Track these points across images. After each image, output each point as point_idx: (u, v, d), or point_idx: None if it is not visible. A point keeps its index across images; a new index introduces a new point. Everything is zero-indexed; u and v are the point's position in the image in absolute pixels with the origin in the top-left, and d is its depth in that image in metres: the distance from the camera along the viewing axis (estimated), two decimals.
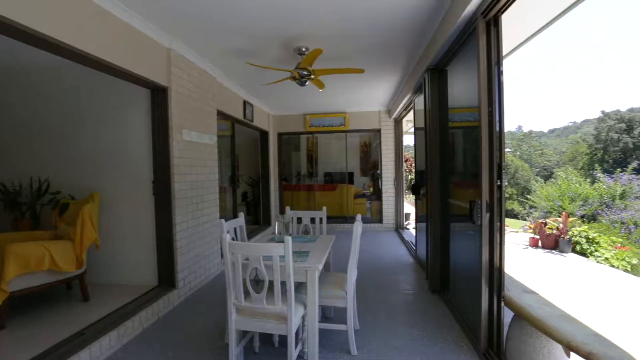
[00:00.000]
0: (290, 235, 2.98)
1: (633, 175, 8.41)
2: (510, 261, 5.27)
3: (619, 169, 9.04)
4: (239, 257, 2.10)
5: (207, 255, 4.32)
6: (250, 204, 8.49)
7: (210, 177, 4.41)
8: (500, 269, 2.34)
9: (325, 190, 9.04)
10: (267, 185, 7.85)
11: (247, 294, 2.20)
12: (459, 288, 3.19)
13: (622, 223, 7.09)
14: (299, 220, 3.65)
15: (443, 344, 2.69)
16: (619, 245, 5.76)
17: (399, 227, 7.78)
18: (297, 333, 2.54)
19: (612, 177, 8.37)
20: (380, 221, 8.00)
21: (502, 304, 2.36)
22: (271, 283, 2.12)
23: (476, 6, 2.40)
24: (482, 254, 2.37)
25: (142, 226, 3.69)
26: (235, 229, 3.04)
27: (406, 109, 6.25)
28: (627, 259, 5.41)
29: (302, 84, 4.05)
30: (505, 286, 2.43)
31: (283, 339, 2.69)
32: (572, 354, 2.05)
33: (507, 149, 49.09)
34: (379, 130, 7.98)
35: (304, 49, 3.81)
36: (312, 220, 3.62)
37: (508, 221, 17.26)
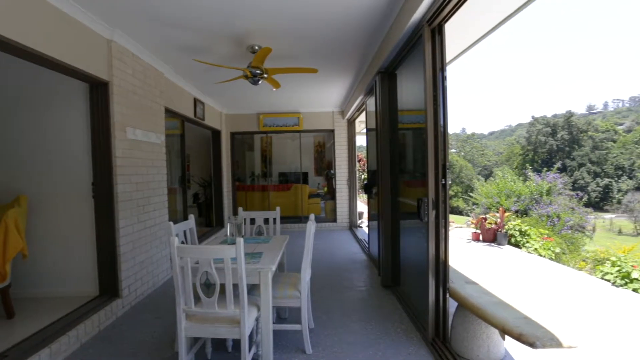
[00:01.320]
0: (242, 236, 2.92)
1: (557, 174, 9.42)
2: (454, 255, 5.62)
3: (545, 168, 10.05)
4: (189, 260, 2.01)
5: (156, 260, 4.09)
6: (202, 206, 8.18)
7: (157, 177, 4.19)
8: (446, 262, 2.50)
9: (279, 191, 8.99)
10: (220, 186, 7.62)
11: (197, 299, 2.12)
12: (409, 282, 3.35)
13: (548, 216, 7.91)
14: (252, 221, 3.59)
15: (394, 336, 2.81)
16: (546, 236, 6.41)
17: (352, 226, 7.96)
18: (251, 336, 2.51)
19: (540, 176, 9.28)
20: (335, 220, 8.13)
21: (447, 295, 2.51)
22: (223, 286, 2.06)
23: (422, 14, 2.54)
24: (429, 249, 2.51)
25: (79, 232, 3.40)
26: (185, 231, 2.92)
27: (359, 110, 6.41)
28: (552, 248, 6.04)
29: (255, 82, 3.99)
30: (450, 278, 2.59)
31: (237, 343, 2.64)
32: (506, 336, 2.25)
33: (452, 150, 52.37)
34: (332, 131, 8.10)
35: (256, 47, 3.75)
36: (266, 221, 3.58)
37: (453, 217, 18.43)
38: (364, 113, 5.48)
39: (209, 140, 7.64)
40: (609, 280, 4.27)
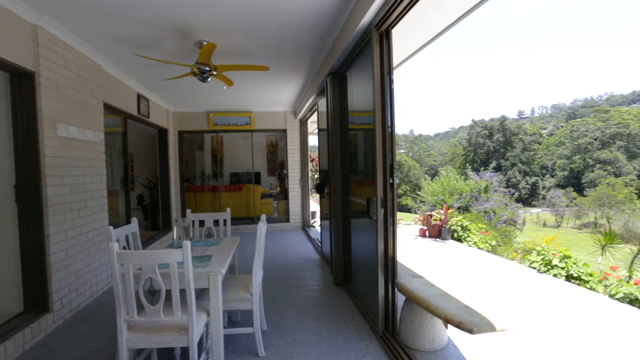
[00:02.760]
0: (190, 239, 2.81)
1: (492, 173, 10.29)
2: (403, 251, 5.89)
3: (482, 168, 10.91)
4: (130, 267, 1.88)
5: (94, 268, 3.77)
6: (147, 208, 7.70)
7: (95, 179, 3.87)
8: (394, 258, 2.60)
9: (231, 191, 8.77)
10: (167, 187, 7.23)
11: (141, 307, 2.00)
12: (360, 279, 3.44)
13: (486, 212, 8.62)
14: (202, 223, 3.46)
15: (346, 332, 2.87)
16: (484, 230, 6.96)
17: (305, 226, 8.00)
18: (200, 342, 2.41)
19: (478, 175, 10.06)
20: (288, 220, 8.11)
21: (396, 289, 2.63)
22: (169, 293, 1.96)
23: (371, 18, 2.62)
24: (378, 246, 2.61)
25: None
26: (127, 236, 2.73)
27: (311, 111, 6.46)
28: (488, 241, 6.57)
29: (204, 80, 3.85)
30: (398, 273, 2.71)
31: (185, 351, 2.51)
32: (449, 325, 2.40)
33: (402, 150, 54.81)
34: (285, 131, 8.07)
35: (205, 43, 3.62)
36: (216, 222, 3.47)
37: (403, 215, 19.30)
38: (316, 113, 5.53)
39: (155, 139, 7.23)
40: (535, 268, 4.75)
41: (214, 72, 3.84)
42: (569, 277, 4.37)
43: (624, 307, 3.47)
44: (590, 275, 4.31)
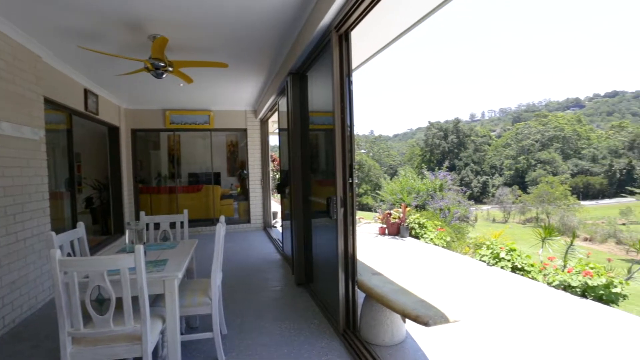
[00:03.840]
0: (144, 243, 2.67)
1: (447, 172, 10.84)
2: (363, 249, 6.02)
3: (437, 168, 11.47)
4: (75, 275, 1.75)
5: (33, 279, 3.46)
6: (96, 212, 7.20)
7: (35, 180, 3.55)
8: (354, 257, 2.65)
9: (189, 192, 8.46)
10: (119, 189, 6.81)
11: (88, 318, 1.86)
12: (321, 278, 3.47)
13: (441, 210, 9.07)
14: (157, 226, 3.31)
15: (308, 332, 2.88)
16: (439, 227, 7.31)
17: (267, 226, 7.92)
18: (156, 351, 2.30)
19: (434, 174, 10.55)
20: (249, 221, 7.98)
21: (356, 287, 2.68)
22: (120, 301, 1.85)
23: (330, 20, 2.64)
24: (338, 245, 2.64)
25: None
26: (72, 242, 2.53)
27: (271, 110, 6.40)
28: (444, 237, 6.91)
29: (159, 76, 3.67)
30: (358, 271, 2.77)
31: None
32: (406, 319, 2.49)
33: (362, 150, 56.00)
34: (245, 130, 7.93)
35: (158, 37, 3.45)
36: (173, 225, 3.33)
37: (363, 214, 19.72)
38: (276, 113, 5.49)
39: (105, 137, 6.77)
40: (484, 261, 5.07)
41: (170, 69, 3.68)
42: (514, 269, 4.71)
43: (560, 293, 3.82)
44: (532, 266, 4.68)
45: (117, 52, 3.82)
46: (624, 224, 29.97)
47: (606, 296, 3.61)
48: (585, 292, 3.72)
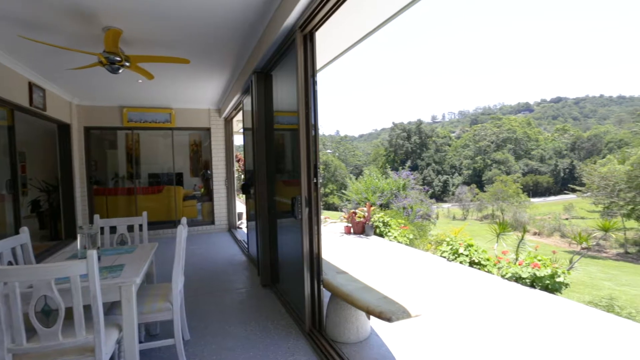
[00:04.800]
0: (99, 248, 2.52)
1: (410, 172, 11.19)
2: (328, 248, 6.07)
3: (401, 167, 11.81)
4: (17, 285, 1.61)
5: None
6: (44, 215, 6.68)
7: None
8: (319, 256, 2.67)
9: (149, 194, 8.09)
10: (71, 191, 6.36)
11: (32, 331, 1.72)
12: (287, 278, 3.46)
13: (404, 208, 9.35)
14: (113, 229, 3.13)
15: (274, 333, 2.86)
16: (402, 225, 7.53)
17: (232, 227, 7.76)
18: None
19: (397, 174, 10.85)
20: (213, 222, 7.78)
21: (321, 286, 2.70)
22: (70, 310, 1.73)
23: (295, 19, 2.64)
24: (304, 245, 2.65)
25: None
26: (14, 249, 2.34)
27: (236, 109, 6.28)
28: (407, 235, 7.13)
29: (114, 71, 3.49)
30: (324, 270, 2.79)
31: None
32: (371, 316, 2.55)
33: (328, 151, 56.41)
34: (209, 129, 7.71)
35: (112, 28, 3.26)
36: (131, 228, 3.17)
37: (330, 213, 19.88)
38: (241, 112, 5.39)
39: (55, 135, 6.30)
40: (445, 257, 5.30)
41: (127, 64, 3.50)
42: (472, 263, 4.96)
43: (512, 284, 4.07)
44: (488, 260, 4.96)
45: (67, 44, 3.57)
46: (567, 219, 32.58)
47: (551, 285, 3.91)
48: (534, 282, 4.00)
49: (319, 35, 2.71)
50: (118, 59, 3.33)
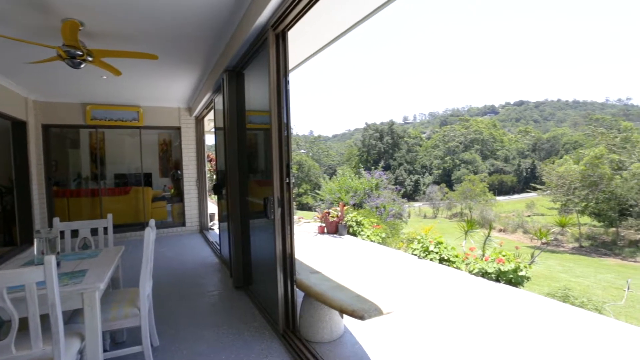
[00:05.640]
0: (58, 253, 2.38)
1: (382, 172, 11.39)
2: (302, 248, 6.07)
3: (374, 167, 12.00)
4: None
5: None
6: None
7: None
8: (292, 256, 2.66)
9: (115, 195, 7.74)
10: (27, 193, 5.97)
11: None
12: (260, 279, 3.42)
13: (377, 207, 9.51)
14: (75, 233, 2.98)
15: (247, 335, 2.82)
16: (375, 224, 7.65)
17: (203, 229, 7.59)
18: None
19: (370, 174, 11.02)
20: (183, 224, 7.57)
21: (295, 286, 2.69)
22: (25, 321, 1.63)
23: (267, 18, 2.61)
24: (276, 245, 2.63)
25: None
26: None
27: (207, 108, 6.14)
28: (379, 234, 7.26)
29: (76, 66, 3.31)
30: (297, 271, 2.78)
31: None
32: (344, 314, 2.57)
33: (302, 151, 56.35)
34: (179, 128, 7.50)
35: (79, 21, 3.09)
36: (95, 231, 3.03)
37: (303, 213, 19.87)
38: (212, 111, 5.28)
39: (9, 133, 5.89)
40: (416, 255, 5.44)
41: (89, 58, 3.33)
42: (441, 260, 5.13)
43: (479, 279, 4.25)
44: (457, 256, 5.13)
45: (23, 35, 3.34)
46: (529, 216, 34.43)
47: (514, 279, 4.11)
48: (498, 277, 4.19)
49: (292, 34, 2.70)
50: (79, 53, 3.16)
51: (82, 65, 3.35)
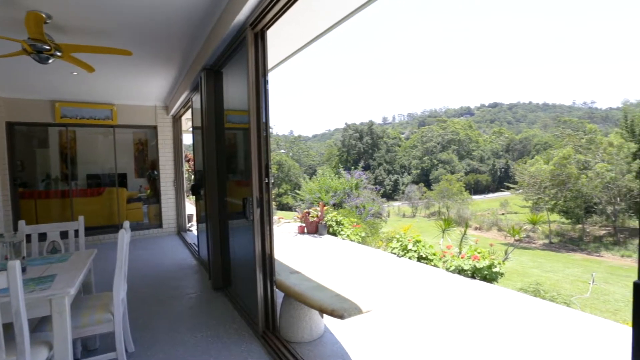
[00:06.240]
0: (24, 258, 2.27)
1: (362, 172, 11.51)
2: (282, 248, 6.04)
3: (353, 167, 12.10)
4: None
5: None
6: None
7: None
8: (271, 257, 2.65)
9: (88, 196, 7.45)
10: None
11: None
12: (239, 281, 3.38)
13: (357, 207, 9.59)
14: (43, 236, 2.84)
15: (226, 337, 2.78)
16: (355, 224, 7.72)
17: (181, 230, 7.42)
18: None
19: (350, 174, 11.10)
20: (160, 226, 7.37)
21: (274, 287, 2.68)
22: None
23: (246, 17, 2.58)
24: (256, 246, 2.61)
25: None
26: None
27: (185, 107, 6.01)
28: (359, 233, 7.33)
29: (43, 61, 3.16)
30: (277, 271, 2.77)
31: None
32: (324, 314, 2.58)
33: (282, 150, 56.12)
34: (155, 127, 7.30)
35: (44, 14, 2.94)
36: (65, 234, 2.90)
37: (284, 213, 19.79)
38: (190, 110, 5.17)
39: None
40: (395, 253, 5.52)
41: (58, 53, 3.18)
42: (419, 258, 5.23)
43: (455, 276, 4.36)
44: (434, 254, 5.25)
45: None
46: (503, 214, 35.68)
47: (489, 275, 4.25)
48: (474, 273, 4.31)
49: (271, 33, 2.68)
50: (46, 47, 3.01)
51: (50, 61, 3.20)
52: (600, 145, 25.78)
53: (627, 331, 2.87)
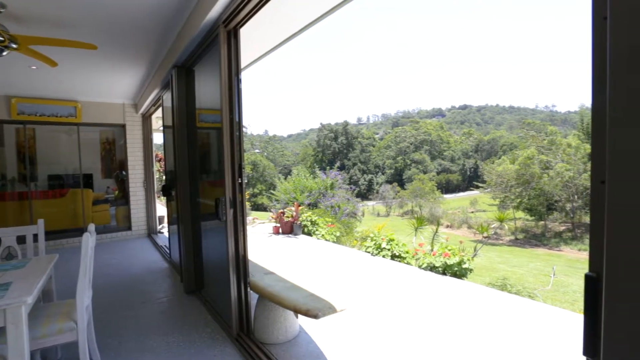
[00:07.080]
0: None
1: (337, 172, 11.58)
2: (256, 249, 5.99)
3: (328, 167, 12.16)
4: None
5: None
6: None
7: None
8: (245, 258, 2.61)
9: (49, 198, 7.05)
10: None
11: None
12: (213, 283, 3.32)
13: (332, 207, 9.65)
14: None
15: (200, 341, 2.72)
16: (330, 223, 7.76)
17: (151, 232, 7.18)
18: None
19: (325, 173, 11.14)
20: (130, 228, 7.09)
21: (248, 288, 2.64)
22: None
23: (218, 14, 2.53)
24: (229, 247, 2.56)
25: None
26: None
27: (155, 105, 5.82)
28: (334, 233, 7.37)
29: None
30: (251, 272, 2.74)
31: None
32: (298, 314, 2.57)
33: (257, 150, 55.49)
34: (123, 126, 7.01)
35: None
36: (22, 239, 2.73)
37: (259, 214, 19.58)
38: (161, 108, 5.01)
39: None
40: (369, 252, 5.60)
41: (13, 45, 2.99)
42: (393, 256, 5.33)
43: (427, 273, 4.48)
44: (407, 252, 5.38)
45: None
46: (472, 212, 37.05)
47: (459, 272, 4.40)
48: (445, 270, 4.45)
49: (244, 32, 2.64)
50: (1, 39, 2.83)
51: (5, 53, 3.00)
52: (560, 147, 27.33)
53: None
